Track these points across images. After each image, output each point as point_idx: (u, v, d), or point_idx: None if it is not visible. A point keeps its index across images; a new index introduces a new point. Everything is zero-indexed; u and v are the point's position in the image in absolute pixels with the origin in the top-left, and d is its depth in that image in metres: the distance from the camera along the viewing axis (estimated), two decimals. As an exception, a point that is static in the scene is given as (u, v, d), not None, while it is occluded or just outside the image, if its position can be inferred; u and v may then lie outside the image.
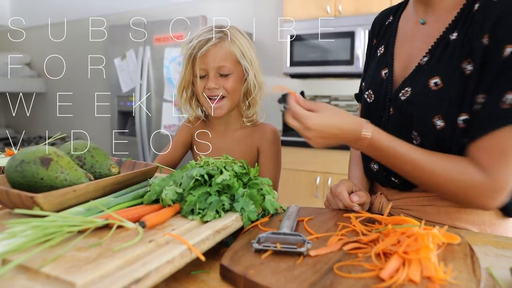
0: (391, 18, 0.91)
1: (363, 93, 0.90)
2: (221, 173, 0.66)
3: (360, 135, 0.71)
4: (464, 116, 0.69)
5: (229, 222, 0.60)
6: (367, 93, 0.87)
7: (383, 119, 0.84)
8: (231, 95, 1.01)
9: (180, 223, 0.59)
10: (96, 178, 0.69)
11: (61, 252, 0.46)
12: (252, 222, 0.64)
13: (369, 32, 0.98)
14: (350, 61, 2.55)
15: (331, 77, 2.83)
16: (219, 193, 0.64)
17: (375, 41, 0.94)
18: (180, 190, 0.64)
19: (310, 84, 3.02)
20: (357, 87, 1.03)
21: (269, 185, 0.72)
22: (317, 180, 2.40)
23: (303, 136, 0.72)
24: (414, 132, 0.75)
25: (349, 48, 2.55)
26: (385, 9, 0.96)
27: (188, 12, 3.24)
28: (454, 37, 0.72)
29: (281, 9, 2.96)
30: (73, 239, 0.50)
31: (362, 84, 0.95)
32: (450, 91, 0.70)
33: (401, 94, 0.77)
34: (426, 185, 0.74)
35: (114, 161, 0.83)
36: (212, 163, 0.71)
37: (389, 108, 0.81)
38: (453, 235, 0.58)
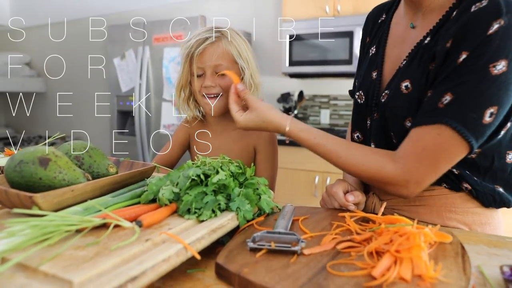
0: (384, 16, 0.91)
1: (355, 92, 0.91)
2: (217, 173, 0.67)
3: (284, 133, 0.81)
4: None
5: (224, 221, 0.61)
6: (358, 93, 0.89)
7: (369, 122, 0.85)
8: (228, 94, 1.01)
9: (177, 222, 0.59)
10: (94, 178, 0.70)
11: (59, 250, 0.47)
12: (247, 221, 0.65)
13: (363, 29, 0.99)
14: (349, 61, 2.55)
15: (330, 76, 2.84)
16: (215, 192, 0.65)
17: (368, 39, 0.95)
18: (176, 190, 0.64)
19: (309, 83, 3.03)
20: (356, 86, 1.04)
21: (265, 184, 0.73)
22: (316, 180, 2.41)
23: None
24: (391, 133, 0.78)
25: (348, 48, 2.56)
26: (379, 5, 0.96)
27: (188, 12, 3.24)
28: (427, 41, 0.74)
29: (280, 8, 2.96)
30: (71, 238, 0.51)
31: (355, 81, 0.96)
32: (419, 94, 0.72)
33: (381, 97, 0.80)
34: (348, 173, 0.79)
35: (112, 161, 0.84)
36: (209, 163, 0.72)
37: (375, 110, 0.83)
38: (445, 234, 0.59)
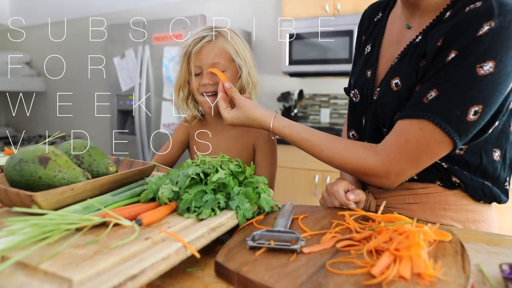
0: (380, 14, 0.91)
1: (350, 91, 0.92)
2: (217, 171, 0.67)
3: (267, 128, 0.83)
4: None
5: (224, 220, 0.61)
6: (353, 92, 0.89)
7: (364, 120, 0.86)
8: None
9: (176, 221, 0.59)
10: (94, 177, 0.70)
11: (58, 249, 0.47)
12: (247, 220, 0.65)
13: (358, 26, 0.99)
14: (349, 60, 2.55)
15: (330, 75, 2.84)
16: (214, 191, 0.65)
17: (363, 37, 0.95)
18: (176, 189, 0.64)
19: (309, 82, 3.03)
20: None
21: (264, 183, 0.73)
22: (316, 178, 2.41)
23: None
24: (384, 129, 0.79)
25: (348, 47, 2.56)
26: (375, 3, 0.96)
27: (188, 11, 3.24)
28: (418, 40, 0.75)
29: (280, 7, 2.96)
30: (71, 236, 0.51)
31: (350, 79, 0.97)
32: (408, 91, 0.73)
33: (374, 95, 0.81)
34: (332, 166, 0.80)
35: (112, 160, 0.84)
36: (208, 161, 0.72)
37: (369, 109, 0.83)
38: (445, 232, 0.59)
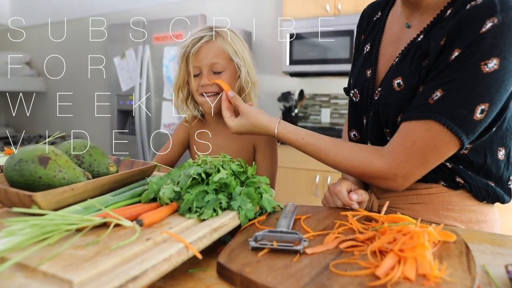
0: (379, 13, 0.91)
1: (350, 90, 0.92)
2: (219, 171, 0.66)
3: (272, 134, 0.84)
4: None
5: (226, 220, 0.60)
6: (353, 92, 0.89)
7: (365, 120, 0.85)
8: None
9: (178, 221, 0.59)
10: (94, 177, 0.70)
11: (58, 250, 0.46)
12: (249, 220, 0.64)
13: (357, 26, 0.98)
14: (349, 60, 2.55)
15: (330, 75, 2.83)
16: (216, 191, 0.64)
17: (363, 37, 0.94)
18: (177, 189, 0.64)
19: (310, 82, 3.02)
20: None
21: (266, 183, 0.73)
22: (317, 179, 2.40)
23: None
24: (386, 130, 0.78)
25: (348, 47, 2.55)
26: (374, 2, 0.96)
27: (188, 11, 3.24)
28: (420, 39, 0.74)
29: (281, 7, 2.96)
30: (71, 237, 0.50)
31: (350, 79, 0.96)
32: (411, 91, 0.72)
33: (374, 95, 0.81)
34: (338, 170, 0.80)
35: (112, 159, 0.83)
36: (210, 161, 0.71)
37: (370, 109, 0.83)
38: (449, 233, 0.58)
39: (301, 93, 2.94)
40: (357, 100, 0.88)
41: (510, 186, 0.78)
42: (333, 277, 0.47)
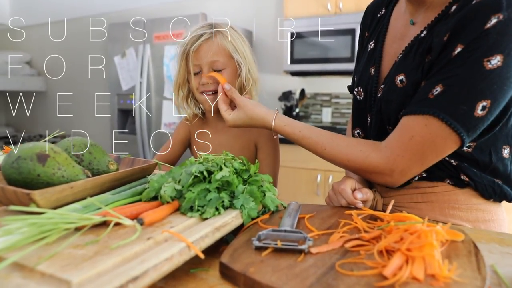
0: (383, 10, 0.90)
1: (354, 88, 0.91)
2: (221, 169, 0.65)
3: (269, 127, 0.83)
4: None
5: (228, 219, 0.59)
6: (357, 90, 0.88)
7: (369, 118, 0.84)
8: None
9: (179, 220, 0.58)
10: (94, 175, 0.69)
11: (57, 249, 0.45)
12: (252, 219, 0.63)
13: (361, 22, 0.97)
14: (351, 59, 2.54)
15: (331, 74, 2.82)
16: (218, 190, 0.63)
17: (367, 34, 0.93)
18: (179, 187, 0.63)
19: (311, 81, 3.01)
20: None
21: (269, 181, 0.71)
22: (318, 178, 2.39)
23: None
24: (389, 127, 0.77)
25: (349, 46, 2.54)
26: None
27: (188, 10, 3.23)
28: (423, 35, 0.73)
29: (282, 6, 2.95)
30: (70, 236, 0.49)
31: (354, 77, 0.95)
32: (413, 88, 0.71)
33: (378, 92, 0.79)
34: (335, 164, 0.79)
35: (113, 158, 0.82)
36: (212, 159, 0.70)
37: (374, 107, 0.82)
38: (457, 232, 0.57)
39: (302, 92, 2.92)
40: (361, 98, 0.87)
41: None
42: (339, 277, 0.45)
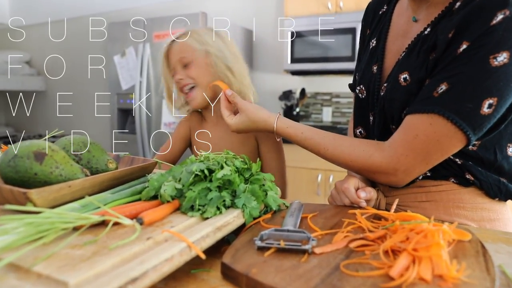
0: (385, 7, 0.89)
1: (355, 86, 0.90)
2: (222, 168, 0.63)
3: (273, 131, 0.83)
4: None
5: (230, 218, 0.58)
6: (359, 88, 0.87)
7: (371, 117, 0.83)
8: (199, 82, 1.02)
9: (180, 220, 0.56)
10: (93, 174, 0.67)
11: (54, 250, 0.44)
12: (254, 218, 0.62)
13: (362, 19, 0.96)
14: (351, 58, 2.52)
15: (332, 73, 2.81)
16: (219, 188, 0.62)
17: (368, 31, 0.92)
18: (179, 186, 0.61)
19: (311, 81, 3.00)
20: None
21: (271, 180, 0.70)
22: (319, 178, 2.38)
23: None
24: (392, 126, 0.76)
25: (350, 45, 2.53)
26: None
27: (188, 9, 3.22)
28: (427, 32, 0.72)
29: (282, 5, 2.93)
30: (67, 236, 0.48)
31: (356, 74, 0.94)
32: (417, 86, 0.70)
33: (381, 90, 0.78)
34: (338, 165, 0.79)
35: (112, 156, 0.81)
36: (213, 158, 0.69)
37: (377, 105, 0.81)
38: (464, 231, 0.56)
39: (303, 91, 2.91)
40: (363, 96, 0.85)
41: None
42: (344, 278, 0.44)
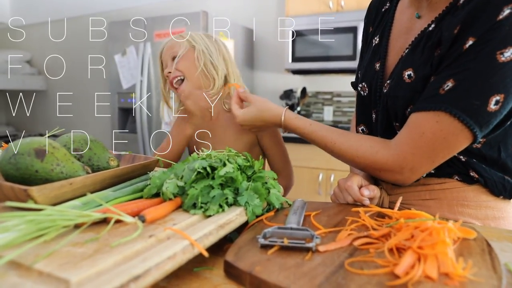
0: (388, 4, 0.88)
1: (358, 84, 0.89)
2: (224, 165, 0.63)
3: (280, 122, 0.84)
4: None
5: (233, 216, 0.57)
6: (361, 85, 0.87)
7: (374, 114, 0.83)
8: (187, 75, 1.04)
9: (182, 217, 0.56)
10: (94, 171, 0.67)
11: (55, 247, 0.43)
12: (257, 216, 0.61)
13: (365, 17, 0.95)
14: (353, 57, 2.52)
15: (333, 73, 2.80)
16: (222, 186, 0.61)
17: (371, 28, 0.92)
18: (181, 183, 0.61)
19: (312, 80, 2.99)
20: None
21: (274, 178, 0.70)
22: (320, 177, 2.37)
23: None
24: (396, 123, 0.76)
25: (351, 44, 2.52)
26: None
27: (189, 8, 3.21)
28: (431, 28, 0.71)
29: (283, 4, 2.92)
30: (69, 234, 0.47)
31: (358, 72, 0.93)
32: (422, 83, 0.70)
33: (383, 88, 0.78)
34: (343, 160, 0.79)
35: (113, 154, 0.80)
36: (215, 156, 0.68)
37: (379, 103, 0.80)
38: (469, 229, 0.55)
39: (304, 90, 2.90)
40: (365, 94, 0.85)
41: None
42: (349, 276, 0.44)
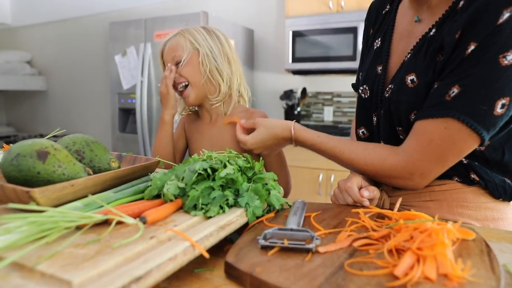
0: (388, 7, 0.88)
1: (358, 86, 0.89)
2: (225, 167, 0.63)
3: (290, 136, 0.84)
4: None
5: (233, 217, 0.57)
6: (362, 88, 0.87)
7: (374, 117, 0.83)
8: (192, 80, 1.03)
9: (183, 219, 0.56)
10: (95, 173, 0.67)
11: (57, 249, 0.44)
12: (257, 217, 0.62)
13: (366, 19, 0.96)
14: (353, 57, 2.52)
15: (333, 73, 2.81)
16: (222, 187, 0.62)
17: (371, 31, 0.92)
18: (182, 185, 0.61)
19: (313, 80, 2.99)
20: (359, 83, 1.01)
21: (274, 179, 0.70)
22: (320, 177, 2.37)
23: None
24: (399, 128, 0.76)
25: (351, 44, 2.52)
26: None
27: (189, 8, 3.21)
28: (432, 33, 0.71)
29: (283, 5, 2.93)
30: (71, 235, 0.48)
31: (359, 74, 0.94)
32: (426, 87, 0.70)
33: (385, 92, 0.78)
34: (353, 169, 0.80)
35: (114, 155, 0.81)
36: (215, 157, 0.69)
37: (381, 106, 0.80)
38: (468, 230, 0.55)
39: (304, 91, 2.91)
40: (366, 96, 0.85)
41: None
42: (349, 277, 0.44)
